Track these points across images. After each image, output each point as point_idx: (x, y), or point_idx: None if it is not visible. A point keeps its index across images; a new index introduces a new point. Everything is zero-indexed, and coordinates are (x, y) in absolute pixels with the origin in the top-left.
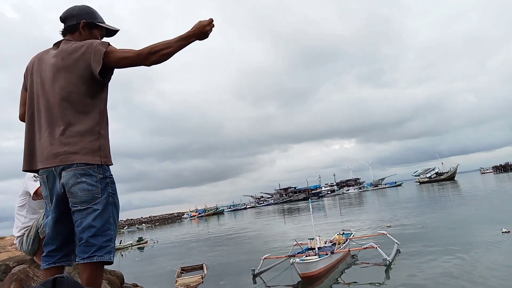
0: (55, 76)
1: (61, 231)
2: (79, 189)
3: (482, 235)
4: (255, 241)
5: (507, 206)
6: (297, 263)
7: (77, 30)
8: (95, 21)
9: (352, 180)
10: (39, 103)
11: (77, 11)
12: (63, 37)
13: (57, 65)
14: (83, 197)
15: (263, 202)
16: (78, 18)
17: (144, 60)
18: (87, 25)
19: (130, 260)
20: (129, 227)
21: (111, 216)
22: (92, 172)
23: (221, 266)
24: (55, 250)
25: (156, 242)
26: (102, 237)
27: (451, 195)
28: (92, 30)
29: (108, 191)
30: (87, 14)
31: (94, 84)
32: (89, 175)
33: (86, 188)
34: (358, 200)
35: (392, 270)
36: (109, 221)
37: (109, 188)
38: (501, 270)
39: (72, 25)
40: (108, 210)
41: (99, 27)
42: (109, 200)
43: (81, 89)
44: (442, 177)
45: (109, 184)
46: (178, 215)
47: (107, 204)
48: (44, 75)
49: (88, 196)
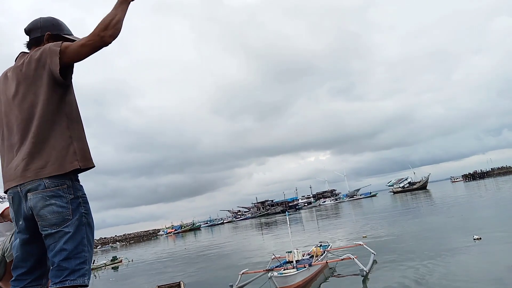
0: (17, 91)
1: (32, 253)
2: (48, 212)
3: (455, 243)
4: (233, 256)
5: (477, 213)
6: (275, 277)
7: (42, 42)
8: (60, 33)
9: (328, 191)
10: (8, 121)
11: (42, 23)
12: (28, 49)
13: (18, 78)
14: (53, 220)
15: (241, 216)
16: (43, 30)
17: (102, 37)
18: (52, 37)
19: (104, 281)
20: (102, 246)
21: (85, 237)
22: (62, 193)
23: (199, 283)
24: (25, 273)
25: (131, 260)
26: (75, 259)
27: (424, 204)
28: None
29: (81, 211)
30: (52, 26)
31: (57, 89)
32: (58, 196)
33: (56, 211)
34: (334, 211)
35: (369, 280)
36: (83, 242)
37: (81, 208)
38: (475, 275)
39: (37, 37)
40: (81, 232)
41: (66, 39)
42: (81, 221)
43: (45, 97)
44: (415, 186)
45: (81, 204)
46: (153, 232)
47: (80, 225)
48: (9, 92)
49: (58, 219)
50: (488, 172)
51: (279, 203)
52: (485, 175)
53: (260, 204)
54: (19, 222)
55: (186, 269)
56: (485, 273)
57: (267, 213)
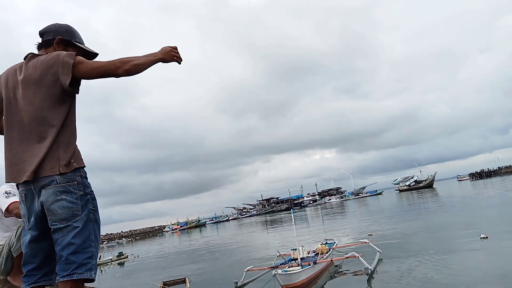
0: (25, 91)
1: (41, 249)
2: (58, 207)
3: (461, 241)
4: (238, 253)
5: (484, 212)
6: (279, 274)
7: (52, 45)
8: (72, 40)
9: (334, 189)
10: (14, 118)
11: (56, 27)
12: (38, 50)
13: (26, 80)
14: (63, 215)
15: (246, 213)
16: (55, 34)
17: (117, 68)
18: (63, 41)
19: (110, 276)
20: (108, 242)
21: (92, 232)
22: (72, 189)
23: (204, 280)
24: (35, 269)
25: (137, 256)
26: (83, 254)
27: (430, 203)
28: (67, 48)
29: (89, 207)
30: (66, 32)
31: (64, 96)
32: (69, 192)
33: (66, 206)
34: (340, 209)
35: (374, 279)
36: (90, 238)
37: (89, 204)
38: (481, 274)
39: (48, 40)
40: (88, 227)
41: (76, 46)
42: (89, 217)
43: (51, 102)
44: (421, 185)
45: (89, 201)
46: (159, 228)
47: (88, 221)
48: (16, 90)
49: (68, 214)
50: (495, 171)
51: (284, 200)
52: (493, 173)
53: (265, 202)
54: (31, 219)
55: (191, 265)
56: (491, 272)
57: (272, 210)
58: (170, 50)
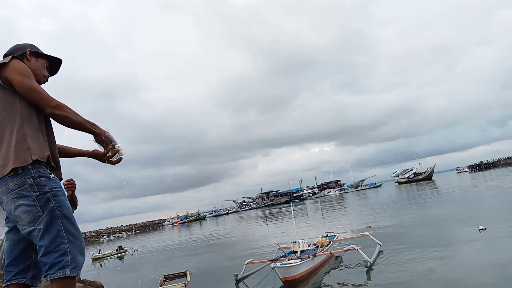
0: None
1: (16, 246)
2: (21, 212)
3: (460, 233)
4: (238, 246)
5: (482, 204)
6: (278, 267)
7: (24, 57)
8: (39, 51)
9: (333, 182)
10: None
11: (21, 45)
12: None
13: None
14: (26, 219)
15: (246, 206)
16: (23, 49)
17: (50, 107)
18: (33, 53)
19: (110, 270)
20: (108, 236)
21: (61, 229)
22: (26, 193)
23: (205, 273)
24: (9, 265)
25: (136, 250)
26: (54, 253)
27: (429, 195)
28: (38, 59)
29: (50, 205)
30: (30, 46)
31: (6, 91)
32: (23, 196)
33: (26, 210)
34: (339, 202)
35: (373, 271)
36: (60, 235)
37: (51, 202)
38: (481, 266)
39: (21, 55)
40: (55, 225)
41: (44, 56)
42: (54, 214)
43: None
44: (420, 177)
45: (50, 199)
46: (159, 222)
47: (53, 219)
48: None
49: (30, 217)
50: (494, 163)
51: (284, 193)
52: (491, 165)
53: (265, 195)
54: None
55: (191, 258)
56: (489, 263)
57: (272, 203)
58: (105, 136)
